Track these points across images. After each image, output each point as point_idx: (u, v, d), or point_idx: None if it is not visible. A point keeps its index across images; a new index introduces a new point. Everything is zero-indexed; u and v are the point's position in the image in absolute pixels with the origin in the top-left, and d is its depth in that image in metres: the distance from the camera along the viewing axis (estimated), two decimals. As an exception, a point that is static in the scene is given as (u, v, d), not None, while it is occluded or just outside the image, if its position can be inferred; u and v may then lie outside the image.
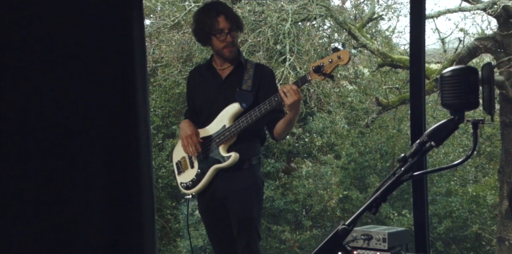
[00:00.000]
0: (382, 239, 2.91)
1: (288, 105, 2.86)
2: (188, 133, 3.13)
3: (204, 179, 3.12)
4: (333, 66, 2.83)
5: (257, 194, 3.10)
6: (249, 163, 3.07)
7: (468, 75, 1.35)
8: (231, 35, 3.02)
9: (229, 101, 3.05)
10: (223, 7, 3.08)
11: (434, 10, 9.22)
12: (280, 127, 3.01)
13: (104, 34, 3.12)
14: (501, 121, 7.80)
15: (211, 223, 3.23)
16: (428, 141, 1.38)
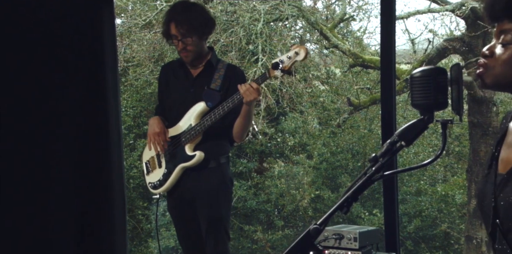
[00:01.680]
0: (353, 239, 2.94)
1: (246, 101, 2.88)
2: (156, 130, 3.12)
3: (171, 178, 3.11)
4: (291, 62, 2.84)
5: (225, 193, 3.09)
6: (217, 162, 3.06)
7: (437, 76, 1.36)
8: (182, 42, 3.01)
9: (198, 100, 3.05)
10: (177, 13, 3.04)
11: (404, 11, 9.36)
12: (237, 124, 3.01)
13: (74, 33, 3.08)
14: (469, 122, 7.93)
15: (179, 223, 3.21)
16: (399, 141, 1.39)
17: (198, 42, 3.04)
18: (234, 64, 4.50)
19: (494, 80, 1.38)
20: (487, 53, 1.39)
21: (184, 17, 3.01)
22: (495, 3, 1.37)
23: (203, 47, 3.10)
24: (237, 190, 9.66)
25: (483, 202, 1.45)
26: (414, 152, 9.96)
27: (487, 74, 1.38)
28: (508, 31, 1.35)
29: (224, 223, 3.07)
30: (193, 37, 3.01)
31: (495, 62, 1.37)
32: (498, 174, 1.42)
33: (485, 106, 7.68)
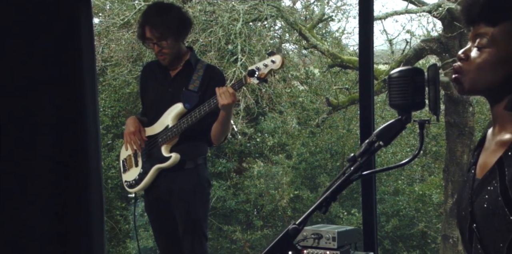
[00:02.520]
0: (331, 238, 2.95)
1: (222, 105, 2.87)
2: (131, 129, 3.11)
3: (146, 178, 3.10)
4: (268, 70, 2.85)
5: (201, 194, 3.08)
6: (194, 163, 3.05)
7: (414, 76, 1.37)
8: (158, 45, 3.00)
9: (175, 101, 3.04)
10: (152, 15, 3.02)
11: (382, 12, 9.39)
12: (215, 127, 3.00)
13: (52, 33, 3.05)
14: (446, 122, 8.01)
15: (156, 223, 3.20)
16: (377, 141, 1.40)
17: (174, 44, 3.02)
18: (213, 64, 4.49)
19: (470, 86, 1.39)
20: (462, 56, 1.40)
21: (159, 20, 2.98)
22: (472, 6, 1.38)
23: (181, 48, 3.08)
24: (216, 190, 9.65)
25: (460, 207, 1.46)
26: (392, 152, 10.04)
27: (463, 79, 1.39)
28: (483, 35, 1.36)
29: (201, 223, 3.06)
30: (168, 40, 2.99)
31: (470, 66, 1.38)
32: (475, 179, 1.43)
33: (462, 107, 7.77)
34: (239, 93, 8.84)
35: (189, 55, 3.11)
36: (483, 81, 1.37)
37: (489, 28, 1.35)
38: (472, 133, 7.96)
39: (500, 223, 1.31)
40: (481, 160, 1.45)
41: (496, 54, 1.35)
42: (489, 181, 1.36)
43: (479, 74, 1.37)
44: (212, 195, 9.66)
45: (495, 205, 1.32)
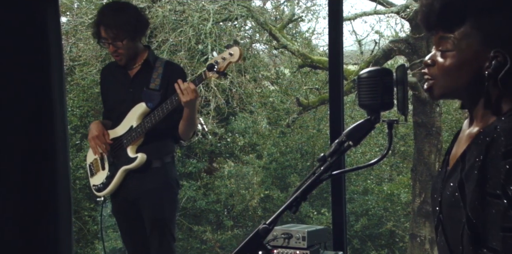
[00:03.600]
0: (301, 238, 2.96)
1: (184, 102, 2.84)
2: (94, 133, 3.07)
3: (114, 181, 3.07)
4: (226, 63, 2.82)
5: (169, 193, 3.06)
6: (161, 162, 3.03)
7: (383, 76, 1.38)
8: (113, 45, 2.97)
9: (137, 101, 3.01)
10: (106, 15, 2.98)
11: (351, 12, 9.48)
12: (181, 126, 2.98)
13: (18, 32, 3.01)
14: (414, 122, 8.11)
15: (124, 224, 3.17)
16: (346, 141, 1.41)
17: (130, 45, 2.98)
18: (178, 63, 4.46)
19: (441, 92, 1.41)
20: (429, 62, 1.42)
21: (113, 21, 2.94)
22: (429, 15, 1.41)
23: (137, 48, 3.04)
24: (186, 190, 9.61)
25: (432, 196, 1.49)
26: (361, 152, 10.13)
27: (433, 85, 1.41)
28: (446, 39, 1.38)
29: (168, 223, 3.03)
30: (123, 40, 2.95)
31: (437, 71, 1.40)
32: (447, 170, 1.46)
33: (429, 107, 7.87)
34: (210, 93, 8.82)
35: (147, 54, 3.06)
36: (451, 84, 1.40)
37: (449, 34, 1.38)
38: (439, 133, 8.08)
39: (458, 216, 1.34)
40: (453, 151, 1.47)
41: (460, 57, 1.37)
42: (453, 173, 1.39)
43: (447, 78, 1.39)
44: (182, 195, 9.62)
45: (455, 198, 1.35)
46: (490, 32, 1.35)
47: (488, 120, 1.38)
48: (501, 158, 1.26)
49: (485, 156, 1.29)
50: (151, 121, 2.95)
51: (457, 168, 1.38)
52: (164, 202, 3.02)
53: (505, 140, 1.27)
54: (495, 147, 1.28)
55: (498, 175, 1.26)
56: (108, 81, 3.20)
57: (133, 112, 3.02)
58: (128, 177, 3.06)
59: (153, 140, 3.01)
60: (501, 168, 1.25)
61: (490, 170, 1.28)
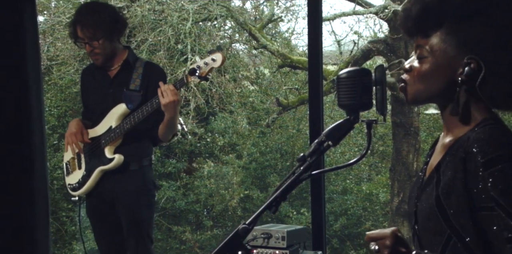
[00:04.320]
0: (281, 238, 2.97)
1: (163, 105, 2.80)
2: (72, 130, 3.04)
3: (90, 181, 3.04)
4: (208, 68, 2.82)
5: (146, 195, 3.03)
6: (139, 164, 3.01)
7: (362, 77, 1.39)
8: (90, 45, 2.94)
9: (117, 102, 2.98)
10: (82, 16, 2.96)
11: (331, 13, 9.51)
12: (161, 129, 2.96)
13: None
14: (392, 122, 8.17)
15: (99, 225, 3.13)
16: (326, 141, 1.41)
17: (107, 45, 2.95)
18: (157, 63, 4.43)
19: (414, 97, 1.42)
20: (407, 68, 1.43)
21: (90, 20, 2.92)
22: (407, 20, 1.42)
23: (115, 48, 3.01)
24: (165, 191, 9.57)
25: (409, 205, 1.50)
26: (341, 152, 10.18)
27: (408, 90, 1.43)
28: (422, 46, 1.40)
29: (145, 226, 3.01)
30: (100, 40, 2.92)
31: (413, 77, 1.41)
32: (424, 179, 1.47)
33: (407, 107, 7.93)
34: (189, 93, 8.80)
35: (127, 54, 3.04)
36: (425, 90, 1.41)
37: (426, 40, 1.39)
38: (417, 133, 8.15)
39: (435, 227, 1.35)
40: (431, 160, 1.48)
41: (435, 62, 1.38)
42: (428, 183, 1.40)
43: (421, 83, 1.41)
44: (162, 195, 9.58)
45: (431, 209, 1.36)
46: (465, 39, 1.36)
47: (461, 130, 1.39)
48: (480, 169, 1.27)
49: (464, 172, 1.30)
50: (130, 122, 2.92)
51: (432, 180, 1.39)
52: (141, 204, 3.00)
53: (480, 151, 1.28)
54: (471, 160, 1.29)
55: (485, 188, 1.26)
56: (87, 82, 3.17)
57: (113, 113, 2.99)
58: (105, 178, 3.03)
59: (131, 141, 2.99)
60: (485, 181, 1.26)
61: (474, 185, 1.28)
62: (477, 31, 1.35)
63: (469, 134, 1.34)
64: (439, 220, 1.33)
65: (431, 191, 1.37)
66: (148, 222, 3.03)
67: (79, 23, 2.94)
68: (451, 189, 1.32)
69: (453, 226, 1.32)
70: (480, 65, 1.34)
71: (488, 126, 1.34)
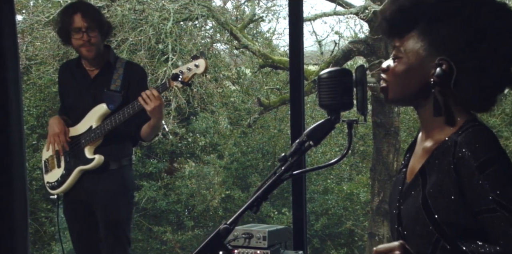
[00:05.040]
0: (262, 238, 2.97)
1: (149, 111, 2.81)
2: (55, 130, 3.01)
3: (69, 180, 3.02)
4: (191, 74, 2.82)
5: (125, 196, 3.02)
6: (118, 164, 2.99)
7: (343, 77, 1.40)
8: (87, 34, 2.92)
9: (98, 102, 2.97)
10: (83, 5, 2.98)
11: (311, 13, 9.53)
12: (145, 131, 2.96)
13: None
14: (373, 122, 8.21)
15: (75, 226, 3.10)
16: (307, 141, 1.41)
17: (100, 40, 2.97)
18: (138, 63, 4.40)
19: (393, 97, 1.44)
20: (384, 67, 1.45)
21: (92, 10, 2.96)
22: (383, 22, 1.44)
23: (102, 47, 3.02)
24: (146, 191, 9.52)
25: (390, 207, 1.50)
26: (322, 152, 10.21)
27: (387, 91, 1.44)
28: (397, 47, 1.42)
29: (123, 226, 2.99)
30: (97, 31, 2.93)
31: (390, 76, 1.43)
32: (405, 182, 1.47)
33: (388, 107, 7.98)
34: (170, 93, 8.76)
35: (108, 55, 3.04)
36: (402, 90, 1.42)
37: (401, 40, 1.42)
38: (397, 133, 8.20)
39: (422, 230, 1.36)
40: (410, 163, 1.49)
41: (409, 63, 1.40)
42: (414, 187, 1.41)
43: (397, 83, 1.42)
44: (143, 195, 9.52)
45: (417, 212, 1.37)
46: (437, 40, 1.37)
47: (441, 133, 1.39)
48: (475, 173, 1.28)
49: (456, 177, 1.31)
50: (111, 124, 2.91)
51: (417, 183, 1.40)
52: (120, 205, 2.98)
53: (472, 155, 1.30)
54: (464, 165, 1.30)
55: (483, 191, 1.28)
56: (67, 80, 3.14)
57: (94, 113, 2.98)
58: (84, 177, 3.01)
59: (112, 142, 2.98)
60: (482, 184, 1.28)
61: (471, 189, 1.30)
62: (449, 32, 1.36)
63: (454, 137, 1.35)
64: (427, 223, 1.34)
65: (417, 195, 1.38)
66: (126, 223, 3.01)
67: (80, 11, 2.92)
68: (438, 193, 1.34)
69: (441, 229, 1.33)
70: (452, 67, 1.35)
71: (472, 128, 1.35)
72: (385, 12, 1.43)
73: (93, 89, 3.01)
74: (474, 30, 1.36)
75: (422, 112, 1.43)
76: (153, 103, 2.78)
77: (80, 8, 2.94)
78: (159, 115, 2.86)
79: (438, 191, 1.34)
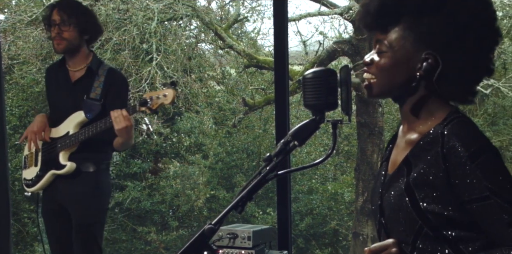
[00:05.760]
0: (247, 238, 2.97)
1: (116, 130, 2.79)
2: (34, 129, 3.02)
3: (42, 181, 3.01)
4: (159, 103, 2.81)
5: (98, 199, 2.99)
6: (94, 167, 2.97)
7: (328, 77, 1.40)
8: (60, 27, 2.93)
9: (77, 108, 2.96)
10: (66, 1, 2.99)
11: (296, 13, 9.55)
12: (117, 142, 2.95)
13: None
14: (357, 122, 8.25)
15: (51, 226, 3.08)
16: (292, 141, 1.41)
17: (75, 36, 2.94)
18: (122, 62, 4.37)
19: (379, 90, 1.44)
20: (368, 61, 1.45)
21: (72, 6, 2.96)
22: (366, 15, 1.44)
23: (81, 46, 2.99)
24: (130, 191, 9.48)
25: (372, 200, 1.51)
26: (307, 152, 10.23)
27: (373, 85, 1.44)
28: (381, 41, 1.42)
29: (92, 230, 2.96)
30: (71, 26, 2.92)
31: (374, 69, 1.43)
32: (387, 174, 1.49)
33: (372, 107, 8.03)
34: (154, 93, 8.70)
35: (91, 59, 3.02)
36: (388, 83, 1.43)
37: (385, 34, 1.42)
38: (381, 133, 8.25)
39: (405, 219, 1.37)
40: (392, 156, 1.50)
41: (394, 57, 1.41)
42: (397, 177, 1.42)
43: (382, 76, 1.43)
44: (127, 196, 9.48)
45: (401, 201, 1.38)
46: (423, 34, 1.38)
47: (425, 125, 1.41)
48: (467, 162, 1.30)
49: (444, 167, 1.32)
50: (84, 134, 2.91)
51: (402, 173, 1.41)
52: (91, 208, 2.96)
53: (463, 145, 1.31)
54: (454, 154, 1.31)
55: (476, 179, 1.30)
56: (51, 81, 3.14)
57: (72, 119, 2.97)
58: (57, 180, 3.00)
59: (87, 149, 2.95)
60: (474, 173, 1.29)
61: (461, 179, 1.31)
62: (435, 26, 1.37)
63: (439, 128, 1.36)
64: (410, 210, 1.36)
65: (400, 184, 1.39)
66: (96, 227, 2.97)
67: (59, 6, 2.95)
68: (424, 183, 1.35)
69: (425, 217, 1.34)
70: (438, 61, 1.36)
71: (457, 119, 1.37)
72: (368, 6, 1.43)
73: (73, 96, 2.99)
74: (458, 24, 1.37)
75: (404, 106, 1.44)
76: (122, 124, 2.77)
77: (61, 3, 2.97)
78: (126, 136, 2.83)
79: (423, 180, 1.35)
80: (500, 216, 1.29)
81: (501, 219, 1.28)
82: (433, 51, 1.37)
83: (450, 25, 1.37)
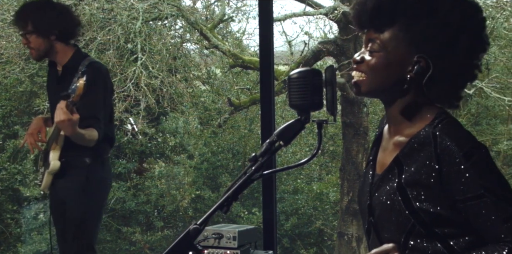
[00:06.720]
0: (232, 238, 2.97)
1: (56, 122, 2.72)
2: (29, 131, 3.03)
3: (43, 181, 3.04)
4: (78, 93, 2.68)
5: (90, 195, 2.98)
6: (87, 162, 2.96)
7: (313, 77, 1.40)
8: (25, 38, 2.90)
9: None
10: (21, 9, 2.94)
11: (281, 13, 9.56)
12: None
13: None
14: (342, 122, 8.27)
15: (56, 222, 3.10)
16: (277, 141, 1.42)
17: (41, 42, 2.89)
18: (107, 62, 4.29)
19: (368, 89, 1.45)
20: (358, 59, 1.46)
21: (23, 12, 2.90)
22: (361, 14, 1.44)
23: (53, 47, 2.93)
24: (115, 191, 9.43)
25: (361, 200, 1.52)
26: (292, 151, 10.24)
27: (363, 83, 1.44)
28: (374, 40, 1.43)
29: (82, 226, 2.95)
30: (33, 33, 2.87)
31: (365, 68, 1.44)
32: (375, 174, 1.49)
33: (357, 107, 8.05)
34: (140, 93, 8.68)
35: (70, 56, 2.97)
36: (378, 82, 1.43)
37: (378, 34, 1.42)
38: (366, 133, 8.28)
39: (397, 217, 1.38)
40: (380, 157, 1.51)
41: (386, 57, 1.41)
42: (387, 177, 1.43)
43: (372, 76, 1.43)
44: (112, 196, 9.42)
45: (393, 200, 1.38)
46: (417, 37, 1.39)
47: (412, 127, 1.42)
48: (462, 162, 1.31)
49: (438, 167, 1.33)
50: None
51: (392, 172, 1.42)
52: (82, 204, 2.94)
53: (456, 145, 1.32)
54: (448, 154, 1.33)
55: (470, 178, 1.31)
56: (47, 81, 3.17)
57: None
58: (55, 177, 3.01)
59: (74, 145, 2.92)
60: (469, 172, 1.31)
61: (456, 178, 1.32)
62: (428, 30, 1.38)
63: (429, 129, 1.37)
64: (402, 208, 1.37)
65: (391, 183, 1.40)
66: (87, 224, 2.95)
67: (16, 15, 2.94)
68: (416, 181, 1.36)
69: (418, 215, 1.35)
70: (429, 64, 1.37)
71: (447, 120, 1.39)
72: (364, 4, 1.43)
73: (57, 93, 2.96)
74: (452, 29, 1.38)
75: (392, 108, 1.45)
76: (59, 117, 2.66)
77: (18, 12, 2.93)
78: (66, 129, 2.73)
79: (416, 180, 1.36)
80: (495, 213, 1.30)
81: (496, 216, 1.30)
82: (425, 55, 1.37)
83: (442, 29, 1.38)
